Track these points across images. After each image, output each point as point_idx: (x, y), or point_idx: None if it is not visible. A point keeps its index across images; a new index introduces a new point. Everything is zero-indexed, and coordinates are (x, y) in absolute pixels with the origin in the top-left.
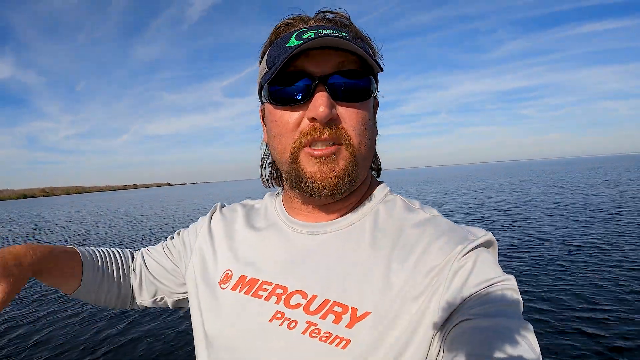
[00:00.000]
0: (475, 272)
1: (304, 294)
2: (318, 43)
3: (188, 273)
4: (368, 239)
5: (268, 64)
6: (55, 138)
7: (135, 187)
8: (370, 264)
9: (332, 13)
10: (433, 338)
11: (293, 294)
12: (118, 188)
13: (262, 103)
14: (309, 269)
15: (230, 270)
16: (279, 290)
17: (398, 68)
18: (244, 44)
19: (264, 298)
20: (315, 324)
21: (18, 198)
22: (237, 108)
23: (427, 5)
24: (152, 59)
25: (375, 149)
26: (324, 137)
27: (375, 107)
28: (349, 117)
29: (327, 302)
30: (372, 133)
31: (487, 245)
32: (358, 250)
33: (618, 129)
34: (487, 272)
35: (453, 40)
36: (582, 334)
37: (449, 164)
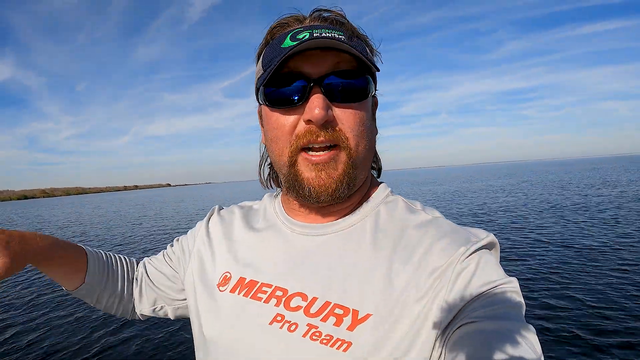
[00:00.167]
0: (478, 274)
1: (305, 296)
2: (313, 44)
3: (187, 277)
4: (369, 240)
5: (263, 66)
6: (56, 139)
7: (136, 187)
8: (372, 266)
9: (327, 11)
10: (435, 340)
11: (293, 296)
12: (118, 189)
13: (259, 104)
14: (309, 271)
15: (229, 272)
16: (279, 293)
17: (398, 69)
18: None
19: (264, 300)
20: (316, 327)
21: (18, 199)
22: (237, 109)
23: (427, 6)
24: (152, 60)
25: (376, 149)
26: (320, 139)
27: (375, 106)
28: (346, 118)
29: (328, 304)
30: (370, 133)
31: (489, 247)
32: (359, 252)
33: (618, 130)
34: (489, 274)
35: (453, 41)
36: (582, 336)
37: (449, 165)
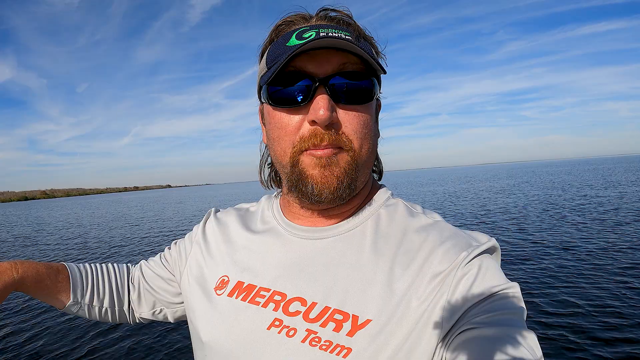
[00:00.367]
0: (480, 279)
1: (304, 301)
2: (319, 44)
3: (183, 281)
4: (369, 244)
5: (267, 64)
6: (56, 140)
7: (136, 189)
8: (372, 270)
9: (334, 11)
10: (436, 346)
11: (292, 301)
12: (119, 190)
13: (261, 103)
14: (308, 275)
15: (227, 276)
16: (277, 297)
17: (398, 70)
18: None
19: (262, 305)
20: (315, 332)
21: (19, 200)
22: (237, 110)
23: (427, 7)
24: (152, 61)
25: (377, 152)
26: (324, 143)
27: (378, 108)
28: (350, 120)
29: (327, 309)
30: (373, 136)
31: (490, 252)
32: (359, 256)
33: (619, 130)
34: (491, 279)
35: (453, 42)
36: (582, 340)
37: (450, 166)
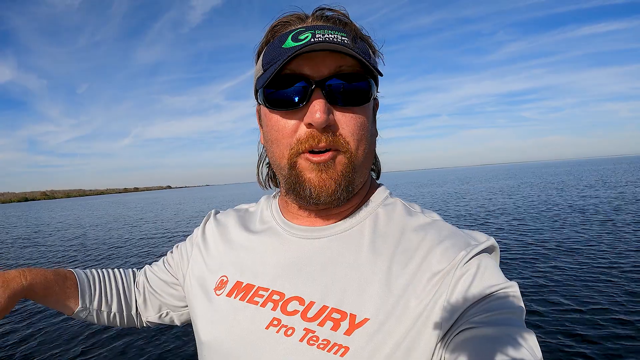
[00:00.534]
0: (478, 278)
1: (302, 300)
2: (314, 48)
3: (186, 283)
4: (367, 243)
5: (264, 66)
6: (56, 141)
7: (136, 190)
8: (370, 269)
9: (330, 11)
10: (435, 345)
11: (290, 300)
12: (119, 191)
13: (258, 104)
14: (307, 275)
15: (226, 276)
16: (276, 297)
17: (398, 70)
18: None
19: (260, 304)
20: (313, 331)
21: (19, 201)
22: (238, 111)
23: (428, 8)
24: (152, 62)
25: (375, 151)
26: (322, 145)
27: (375, 107)
28: (347, 122)
29: (325, 308)
30: (371, 136)
31: (489, 251)
32: (357, 255)
33: (619, 131)
34: (490, 278)
35: (454, 43)
36: (583, 338)
37: (449, 167)
